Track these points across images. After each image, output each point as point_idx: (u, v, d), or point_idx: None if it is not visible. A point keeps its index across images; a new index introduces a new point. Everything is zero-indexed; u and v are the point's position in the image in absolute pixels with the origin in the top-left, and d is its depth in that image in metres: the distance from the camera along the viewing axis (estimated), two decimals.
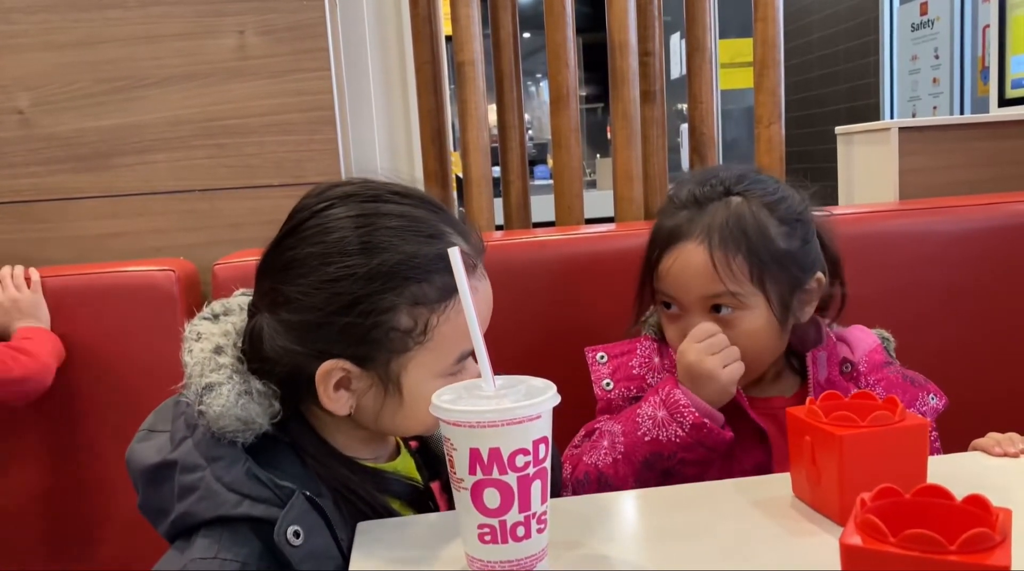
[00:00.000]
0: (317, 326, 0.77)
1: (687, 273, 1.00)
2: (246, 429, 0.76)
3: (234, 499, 0.74)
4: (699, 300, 1.01)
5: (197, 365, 0.79)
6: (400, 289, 0.76)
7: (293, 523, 0.73)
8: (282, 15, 1.56)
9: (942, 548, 0.50)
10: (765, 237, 1.00)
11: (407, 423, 0.83)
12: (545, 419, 0.65)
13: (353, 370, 0.79)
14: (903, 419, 0.74)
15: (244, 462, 0.75)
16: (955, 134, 1.80)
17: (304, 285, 0.77)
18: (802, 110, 5.02)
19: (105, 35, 1.54)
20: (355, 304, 0.76)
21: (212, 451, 0.76)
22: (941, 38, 3.92)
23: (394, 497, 0.85)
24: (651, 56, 1.78)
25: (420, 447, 0.94)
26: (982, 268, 1.41)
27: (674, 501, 0.82)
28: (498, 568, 0.66)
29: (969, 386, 1.39)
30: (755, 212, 1.01)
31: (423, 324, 0.78)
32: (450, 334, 0.79)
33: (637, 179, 1.73)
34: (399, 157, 2.14)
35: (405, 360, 0.79)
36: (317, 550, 0.74)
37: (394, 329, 0.77)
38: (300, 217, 0.80)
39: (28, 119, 1.54)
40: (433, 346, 0.78)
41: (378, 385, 0.80)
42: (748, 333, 1.00)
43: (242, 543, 0.73)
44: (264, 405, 0.78)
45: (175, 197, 1.57)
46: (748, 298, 0.99)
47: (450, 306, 0.78)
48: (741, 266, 0.98)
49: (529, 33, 4.44)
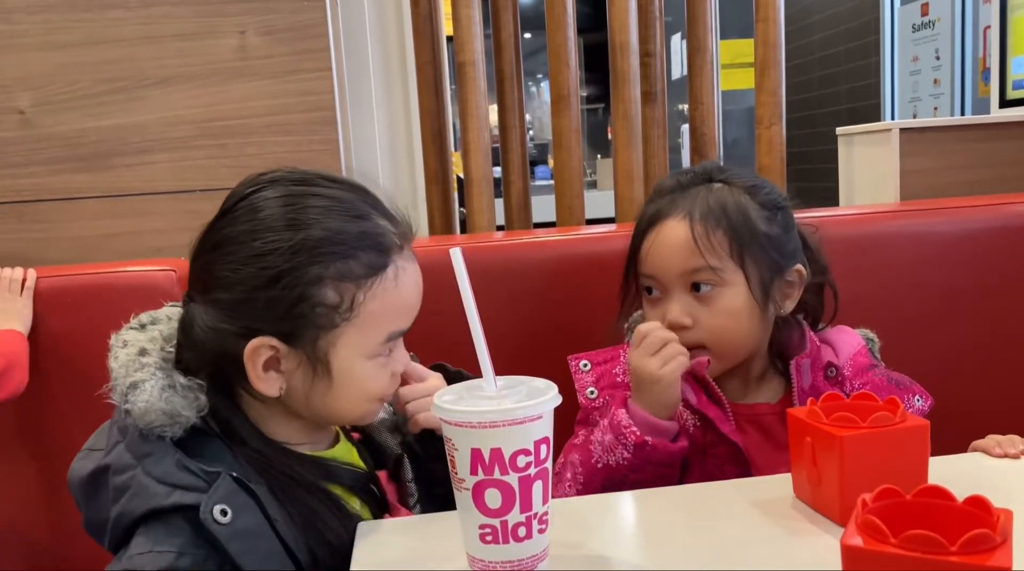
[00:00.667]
0: (244, 302, 0.78)
1: (667, 248, 1.00)
2: (172, 423, 0.77)
3: (164, 491, 0.74)
4: (679, 276, 1.00)
5: (122, 368, 0.80)
6: (325, 263, 0.77)
7: (220, 502, 0.73)
8: (283, 15, 1.56)
9: (943, 549, 0.50)
10: (746, 217, 1.00)
11: (338, 405, 0.82)
12: (546, 419, 0.65)
13: (281, 348, 0.79)
14: (904, 420, 0.74)
15: (173, 455, 0.76)
16: (956, 135, 1.80)
17: (232, 262, 0.78)
18: (802, 111, 5.02)
19: (106, 35, 1.55)
20: (279, 277, 0.77)
21: (141, 449, 0.77)
22: (942, 39, 3.92)
23: (335, 483, 0.84)
24: (652, 57, 1.78)
25: (364, 439, 0.95)
26: (983, 269, 1.41)
27: (675, 502, 0.82)
28: (499, 568, 0.66)
29: (969, 386, 1.39)
30: (736, 195, 1.02)
31: (349, 300, 0.78)
32: (378, 312, 0.79)
33: (638, 179, 1.73)
34: (400, 157, 2.14)
35: (333, 337, 0.79)
36: (247, 529, 0.74)
37: (320, 304, 0.77)
38: (231, 201, 0.82)
39: (29, 119, 1.54)
40: (360, 324, 0.79)
41: (306, 365, 0.80)
42: (727, 312, 0.99)
43: (176, 533, 0.74)
44: (189, 398, 0.78)
45: (176, 197, 1.57)
46: (728, 274, 0.99)
47: (377, 283, 0.79)
48: (721, 241, 0.99)
49: (530, 34, 4.45)
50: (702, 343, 1.00)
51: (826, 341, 1.08)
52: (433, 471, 0.93)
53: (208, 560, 0.73)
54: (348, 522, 0.81)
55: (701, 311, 1.00)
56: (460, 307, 0.70)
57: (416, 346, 1.21)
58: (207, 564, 0.73)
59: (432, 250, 1.38)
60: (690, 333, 1.00)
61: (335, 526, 0.80)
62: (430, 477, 0.94)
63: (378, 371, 0.82)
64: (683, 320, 1.00)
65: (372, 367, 0.81)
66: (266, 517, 0.76)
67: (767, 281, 1.01)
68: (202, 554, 0.73)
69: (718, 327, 0.99)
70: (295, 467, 0.82)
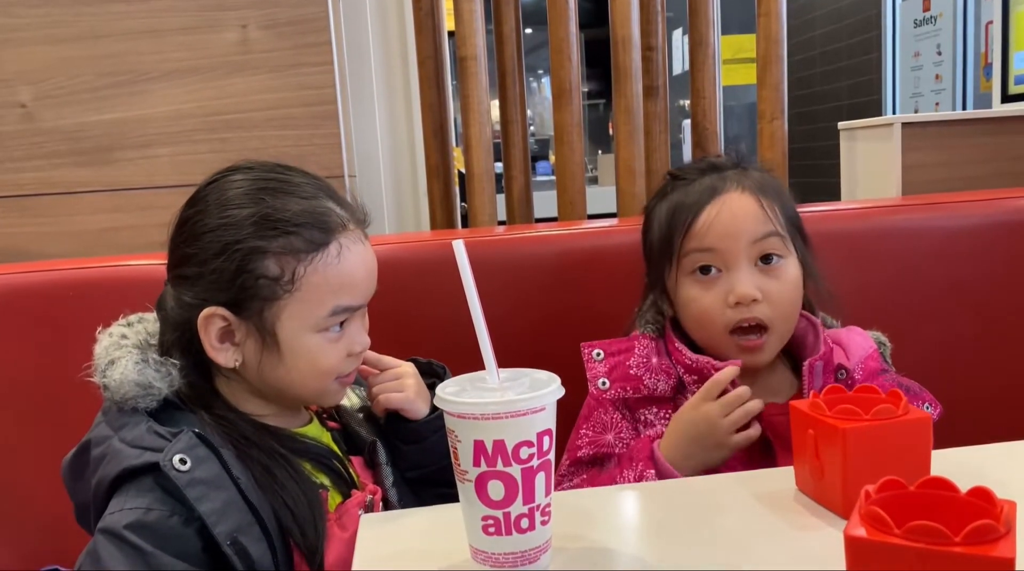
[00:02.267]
0: (200, 275, 0.84)
1: (737, 217, 0.99)
2: (146, 394, 0.82)
3: (136, 452, 0.79)
4: (749, 246, 0.98)
5: (103, 350, 0.86)
6: (267, 237, 0.82)
7: (179, 452, 0.78)
8: (285, 9, 1.56)
9: (947, 540, 0.50)
10: (787, 197, 1.04)
11: (291, 379, 0.86)
12: (549, 411, 0.65)
13: (231, 319, 0.84)
14: (906, 412, 0.74)
15: (146, 422, 0.81)
16: (958, 130, 1.80)
17: (193, 238, 0.85)
18: (804, 106, 5.02)
19: (108, 29, 1.54)
20: (226, 249, 0.82)
21: (118, 421, 0.82)
22: (944, 34, 3.91)
23: (301, 458, 0.88)
24: (654, 51, 1.78)
25: (341, 429, 0.98)
26: (985, 263, 1.40)
27: (677, 495, 0.82)
28: (502, 560, 0.66)
29: (970, 381, 1.39)
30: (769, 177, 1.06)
31: (291, 272, 0.82)
32: (320, 285, 0.83)
33: (640, 174, 1.73)
34: (401, 152, 2.14)
35: (277, 310, 0.83)
36: (206, 478, 0.78)
37: (262, 276, 0.82)
38: (200, 187, 0.89)
39: (31, 113, 1.54)
40: (303, 297, 0.83)
41: (256, 336, 0.84)
42: (792, 283, 1.00)
43: (145, 492, 0.78)
44: (162, 372, 0.84)
45: (178, 191, 1.55)
46: (788, 243, 1.01)
47: (318, 258, 0.83)
48: (779, 214, 1.01)
49: (531, 29, 4.44)
50: (765, 321, 0.98)
51: (837, 341, 1.06)
52: (405, 454, 0.97)
53: (174, 515, 0.78)
54: (308, 488, 0.85)
55: (770, 284, 0.98)
56: (462, 300, 0.69)
57: (420, 338, 1.22)
58: (172, 520, 0.77)
59: (433, 244, 1.38)
60: (758, 308, 0.97)
61: (292, 488, 0.83)
62: (403, 460, 0.97)
63: (327, 346, 0.86)
64: (755, 293, 0.97)
65: (320, 341, 0.85)
66: (229, 475, 0.80)
67: (808, 259, 1.04)
68: (167, 509, 0.78)
69: (785, 301, 0.98)
70: (257, 433, 0.86)
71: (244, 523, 0.79)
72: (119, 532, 0.76)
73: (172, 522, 0.77)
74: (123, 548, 0.76)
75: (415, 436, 0.96)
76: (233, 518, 0.78)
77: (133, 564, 0.75)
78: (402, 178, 2.14)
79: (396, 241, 1.31)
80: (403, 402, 0.95)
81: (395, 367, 0.98)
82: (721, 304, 0.98)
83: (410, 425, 0.96)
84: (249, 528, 0.79)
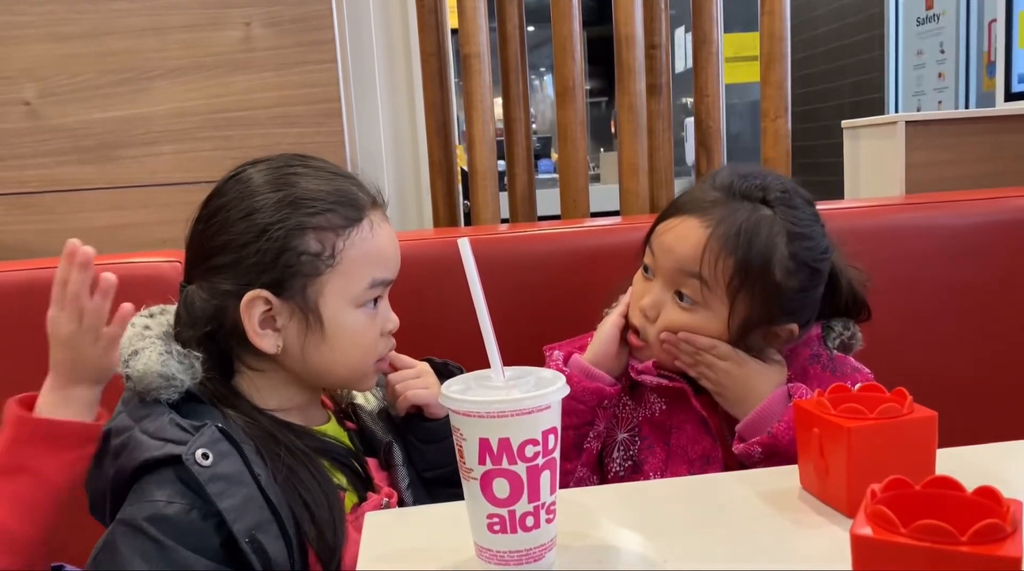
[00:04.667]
0: (237, 261, 0.85)
1: (677, 243, 1.00)
2: (168, 386, 0.82)
3: (157, 444, 0.79)
4: (672, 273, 1.00)
5: (127, 340, 0.85)
6: (305, 215, 0.85)
7: (202, 447, 0.78)
8: (288, 7, 1.56)
9: (953, 539, 0.50)
10: (765, 260, 0.96)
11: (333, 358, 0.87)
12: (554, 410, 0.65)
13: (274, 301, 0.85)
14: (911, 411, 0.74)
15: (168, 414, 0.81)
16: (962, 128, 1.80)
17: (224, 226, 0.86)
18: (805, 105, 5.01)
19: (111, 27, 1.54)
20: (265, 230, 0.84)
21: (139, 412, 0.82)
22: (947, 33, 3.91)
23: (321, 456, 0.89)
24: (657, 49, 1.78)
25: (358, 428, 0.99)
26: (988, 262, 1.41)
27: (680, 493, 0.82)
28: (507, 558, 0.66)
29: (971, 378, 1.39)
30: (773, 233, 0.97)
31: (330, 247, 0.85)
32: (358, 258, 0.86)
33: (643, 172, 1.73)
34: (404, 149, 2.14)
35: (319, 286, 0.85)
36: (227, 474, 0.79)
37: (304, 253, 0.84)
38: (221, 181, 0.90)
39: (34, 110, 1.54)
40: (343, 270, 0.85)
41: (299, 316, 0.86)
42: (692, 330, 0.99)
43: (166, 484, 0.78)
44: (185, 364, 0.84)
45: (181, 188, 1.57)
46: (713, 301, 0.98)
47: (354, 232, 0.86)
48: (726, 269, 0.96)
49: (532, 27, 4.43)
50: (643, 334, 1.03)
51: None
52: (424, 453, 0.97)
53: (193, 510, 0.77)
54: (329, 489, 0.85)
55: (670, 314, 1.00)
56: (463, 298, 0.69)
57: (422, 336, 1.22)
58: (191, 514, 0.77)
59: (437, 242, 1.38)
60: (644, 321, 1.03)
61: (314, 489, 0.83)
62: (420, 460, 0.98)
63: (367, 322, 0.88)
64: (649, 311, 1.02)
65: (361, 317, 0.87)
66: (250, 472, 0.80)
67: (750, 326, 0.99)
68: (187, 503, 0.77)
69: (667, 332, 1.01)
70: (281, 430, 0.86)
71: (263, 520, 0.79)
72: (138, 524, 0.76)
73: (191, 516, 0.77)
74: (142, 540, 0.76)
75: (435, 435, 0.96)
76: (252, 515, 0.79)
77: (151, 557, 0.75)
78: (405, 175, 2.14)
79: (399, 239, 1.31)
80: (429, 398, 0.96)
81: (413, 365, 0.99)
82: (635, 303, 1.04)
83: (430, 424, 0.97)
84: (267, 526, 0.79)
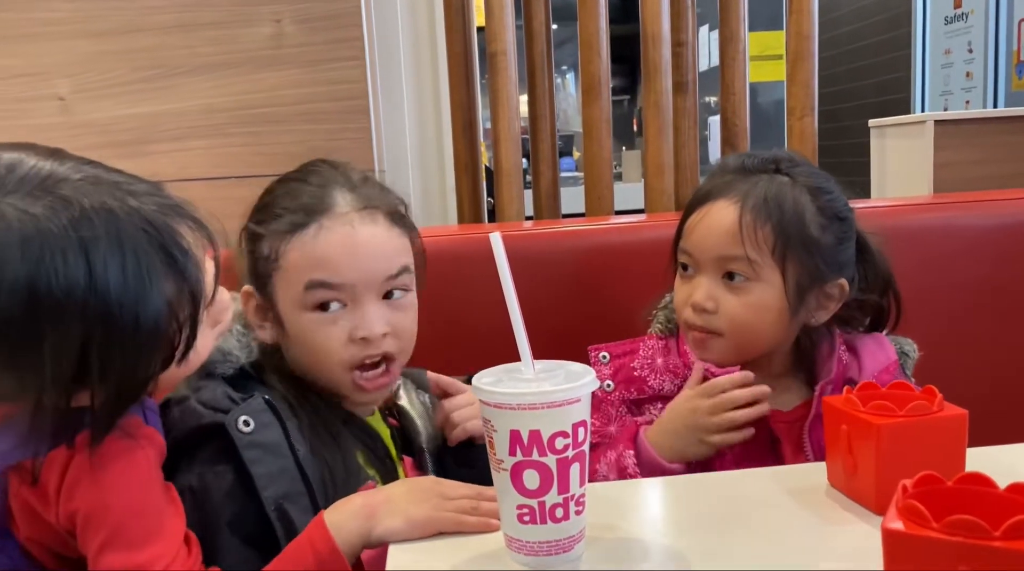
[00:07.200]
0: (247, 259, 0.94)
1: (712, 230, 0.99)
2: (224, 360, 0.89)
3: (209, 412, 0.83)
4: (715, 261, 0.99)
5: None
6: (265, 222, 0.91)
7: (245, 414, 0.82)
8: (318, 4, 1.57)
9: (986, 534, 0.50)
10: (800, 218, 0.98)
11: (304, 361, 0.91)
12: (584, 403, 0.66)
13: (256, 297, 0.92)
14: (941, 409, 0.74)
15: (222, 386, 0.86)
16: (991, 127, 1.79)
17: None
18: (829, 104, 4.98)
19: (142, 23, 1.56)
20: (248, 235, 0.93)
21: (197, 384, 0.86)
22: (975, 32, 3.87)
23: (358, 443, 0.92)
24: (683, 47, 1.78)
25: (400, 425, 1.01)
26: (1017, 262, 1.39)
27: (709, 489, 0.82)
28: (537, 548, 0.66)
29: (1001, 380, 1.38)
30: (796, 193, 0.99)
31: (275, 251, 0.90)
32: (297, 261, 0.89)
33: (668, 170, 1.73)
34: (429, 147, 2.15)
35: (272, 287, 0.91)
36: (265, 442, 0.82)
37: (260, 257, 0.91)
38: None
39: (67, 105, 1.57)
40: (284, 273, 0.89)
41: (272, 314, 0.92)
42: (755, 306, 0.98)
43: (214, 451, 0.82)
44: (243, 343, 0.91)
45: (210, 184, 1.58)
46: (764, 270, 0.97)
47: (296, 236, 0.89)
48: (767, 237, 0.97)
49: (556, 25, 4.43)
50: (720, 330, 1.00)
51: (854, 350, 1.06)
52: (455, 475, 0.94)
53: (227, 473, 0.81)
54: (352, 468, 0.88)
55: (728, 299, 0.99)
56: (488, 294, 0.70)
57: (446, 331, 1.23)
58: (225, 476, 0.81)
59: (462, 238, 1.39)
60: (710, 318, 0.99)
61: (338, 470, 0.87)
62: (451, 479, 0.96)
63: (320, 327, 0.89)
64: (706, 304, 0.99)
65: (311, 320, 0.89)
66: (289, 445, 0.83)
67: (804, 287, 0.99)
68: (223, 468, 0.81)
69: (739, 319, 0.98)
70: (324, 408, 0.91)
71: (294, 492, 0.81)
72: (183, 489, 0.79)
73: (232, 481, 0.81)
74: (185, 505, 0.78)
75: (473, 460, 0.96)
76: (283, 485, 0.81)
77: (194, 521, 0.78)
78: (430, 173, 2.15)
79: (425, 235, 1.32)
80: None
81: (464, 391, 0.98)
82: (684, 303, 1.02)
83: (469, 451, 0.97)
84: (298, 497, 0.81)
